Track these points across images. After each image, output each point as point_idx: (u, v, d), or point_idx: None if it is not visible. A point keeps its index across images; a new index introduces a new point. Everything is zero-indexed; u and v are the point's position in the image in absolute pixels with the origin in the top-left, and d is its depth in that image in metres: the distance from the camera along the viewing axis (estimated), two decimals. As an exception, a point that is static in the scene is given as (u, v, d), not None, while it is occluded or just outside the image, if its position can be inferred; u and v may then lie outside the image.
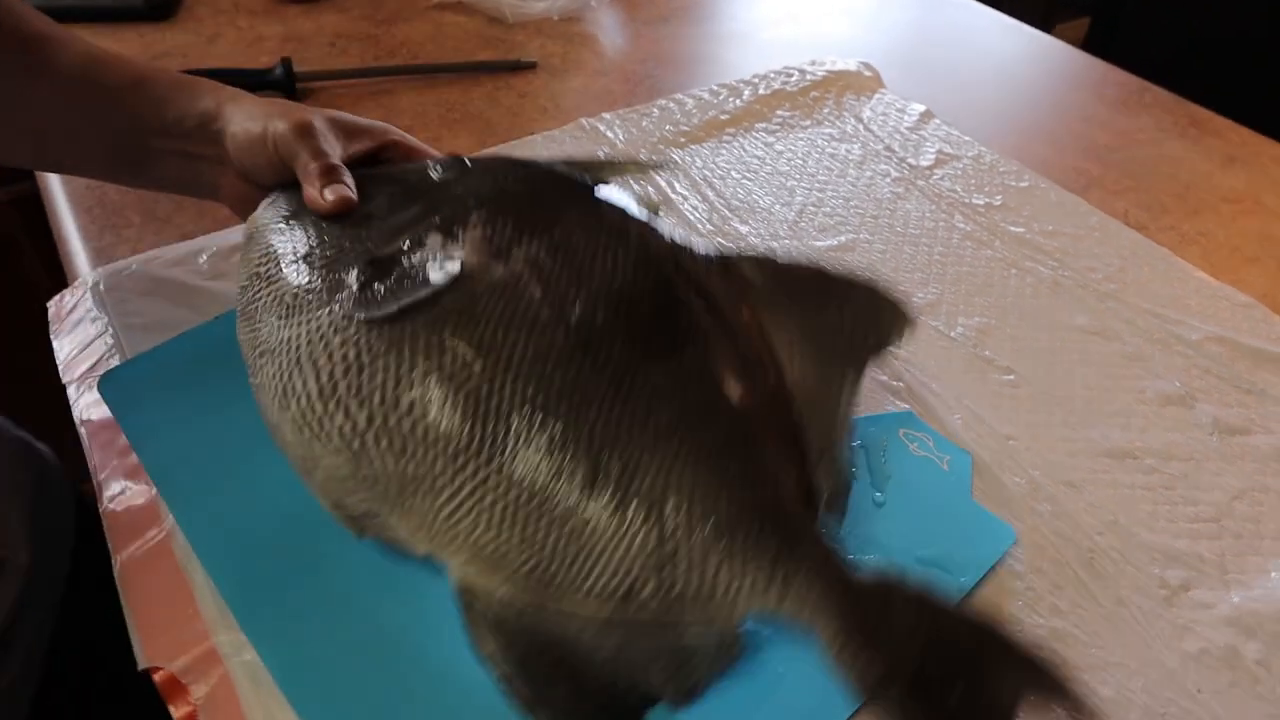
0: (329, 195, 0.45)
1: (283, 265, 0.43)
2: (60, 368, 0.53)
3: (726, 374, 0.40)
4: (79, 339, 0.54)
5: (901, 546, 0.44)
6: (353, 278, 0.41)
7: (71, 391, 0.52)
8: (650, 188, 0.66)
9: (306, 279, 0.42)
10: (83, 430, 0.49)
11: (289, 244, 0.44)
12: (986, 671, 0.34)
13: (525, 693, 0.36)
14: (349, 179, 0.46)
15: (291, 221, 0.46)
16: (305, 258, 0.43)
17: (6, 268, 1.06)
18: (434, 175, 0.47)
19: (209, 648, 0.39)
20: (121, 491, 0.46)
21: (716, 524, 0.36)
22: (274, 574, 0.41)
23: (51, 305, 0.57)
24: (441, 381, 0.37)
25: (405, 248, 0.42)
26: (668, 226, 0.46)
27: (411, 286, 0.39)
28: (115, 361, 0.52)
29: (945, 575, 0.43)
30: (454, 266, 0.40)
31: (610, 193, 0.47)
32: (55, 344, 0.55)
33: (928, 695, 0.34)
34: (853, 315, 0.44)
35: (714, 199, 0.66)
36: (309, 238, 0.44)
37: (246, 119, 0.47)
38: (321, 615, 0.40)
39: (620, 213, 0.45)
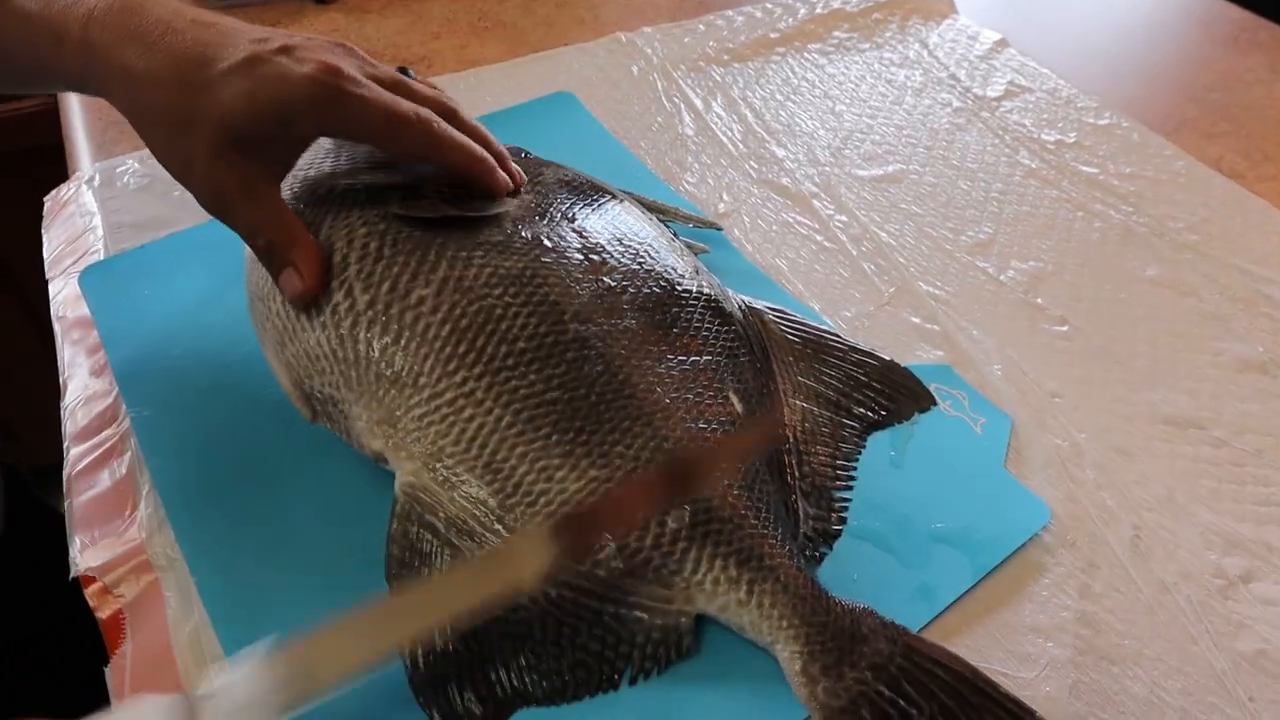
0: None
1: (325, 157, 0.43)
2: (46, 262, 0.51)
3: (731, 390, 0.38)
4: (67, 233, 0.52)
5: (914, 515, 0.39)
6: (398, 184, 0.41)
7: (52, 286, 0.49)
8: (683, 103, 0.61)
9: (347, 172, 0.42)
10: (57, 326, 0.47)
11: (339, 149, 0.44)
12: (964, 719, 0.31)
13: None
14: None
15: None
16: (351, 156, 0.43)
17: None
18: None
19: (144, 557, 0.37)
20: (84, 390, 0.44)
21: (695, 506, 0.34)
22: (219, 487, 0.39)
23: (48, 200, 0.55)
24: (458, 290, 0.37)
25: (455, 188, 0.42)
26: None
27: (457, 204, 0.40)
28: (99, 257, 0.50)
29: (961, 554, 0.37)
30: (501, 206, 0.40)
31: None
32: (45, 237, 0.53)
33: None
34: (869, 383, 0.43)
35: (752, 120, 0.60)
36: (361, 154, 0.44)
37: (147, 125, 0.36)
38: (258, 536, 0.37)
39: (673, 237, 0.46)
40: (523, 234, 0.40)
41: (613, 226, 0.42)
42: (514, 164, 0.43)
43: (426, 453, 0.35)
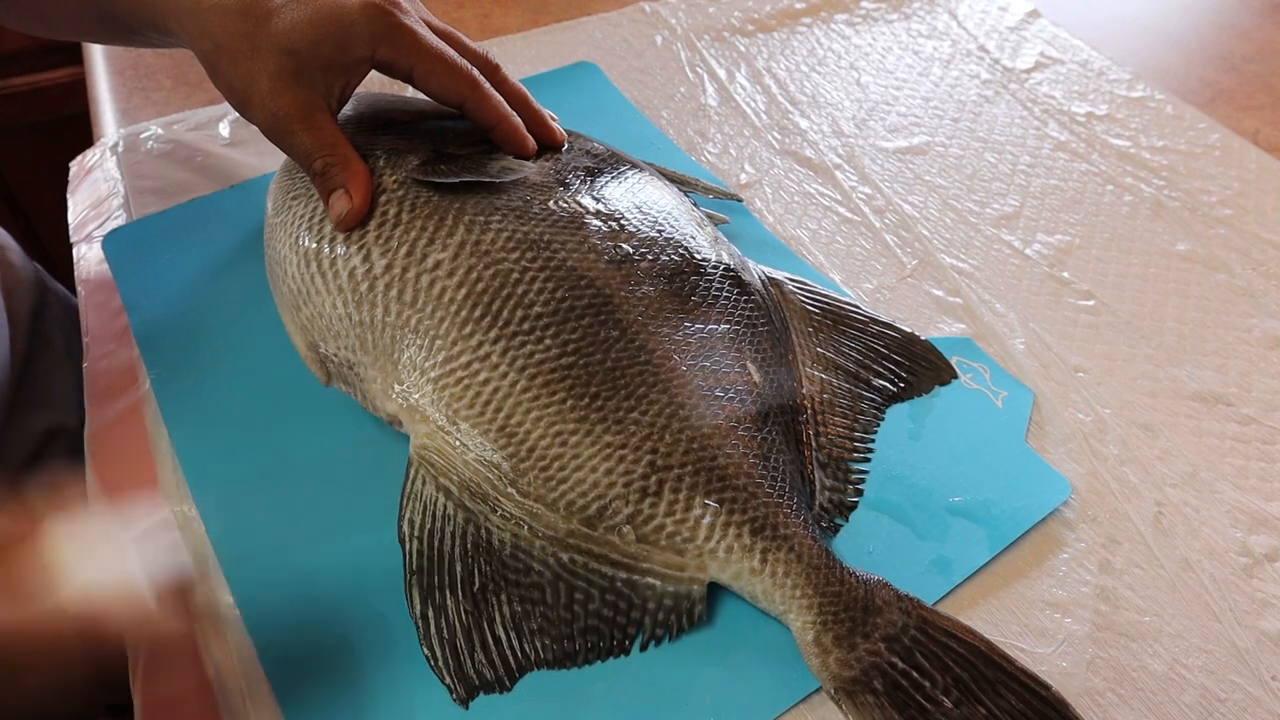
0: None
1: (345, 123, 0.43)
2: (70, 226, 0.52)
3: (749, 358, 0.38)
4: (91, 199, 0.52)
5: (932, 488, 0.38)
6: (417, 152, 0.41)
7: (76, 251, 0.50)
8: (706, 74, 0.60)
9: (367, 138, 0.42)
10: (81, 290, 0.48)
11: (359, 110, 0.45)
12: (978, 692, 0.31)
13: (420, 592, 0.33)
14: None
15: (366, 98, 0.46)
16: (373, 128, 0.43)
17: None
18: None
19: (162, 518, 0.37)
20: (107, 353, 0.44)
21: (710, 474, 0.34)
22: (237, 449, 0.39)
23: (74, 165, 0.55)
24: (475, 254, 0.37)
25: (476, 152, 0.42)
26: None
27: (475, 170, 0.40)
28: (122, 222, 0.50)
29: (979, 528, 0.37)
30: (520, 173, 0.41)
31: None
32: (70, 202, 0.53)
33: (906, 708, 0.31)
34: (889, 354, 0.43)
35: (776, 91, 0.59)
36: (380, 116, 0.45)
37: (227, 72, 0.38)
38: (274, 497, 0.37)
39: (695, 209, 0.45)
40: (541, 200, 0.40)
41: (632, 195, 0.42)
42: (558, 126, 0.44)
43: (441, 416, 0.35)
